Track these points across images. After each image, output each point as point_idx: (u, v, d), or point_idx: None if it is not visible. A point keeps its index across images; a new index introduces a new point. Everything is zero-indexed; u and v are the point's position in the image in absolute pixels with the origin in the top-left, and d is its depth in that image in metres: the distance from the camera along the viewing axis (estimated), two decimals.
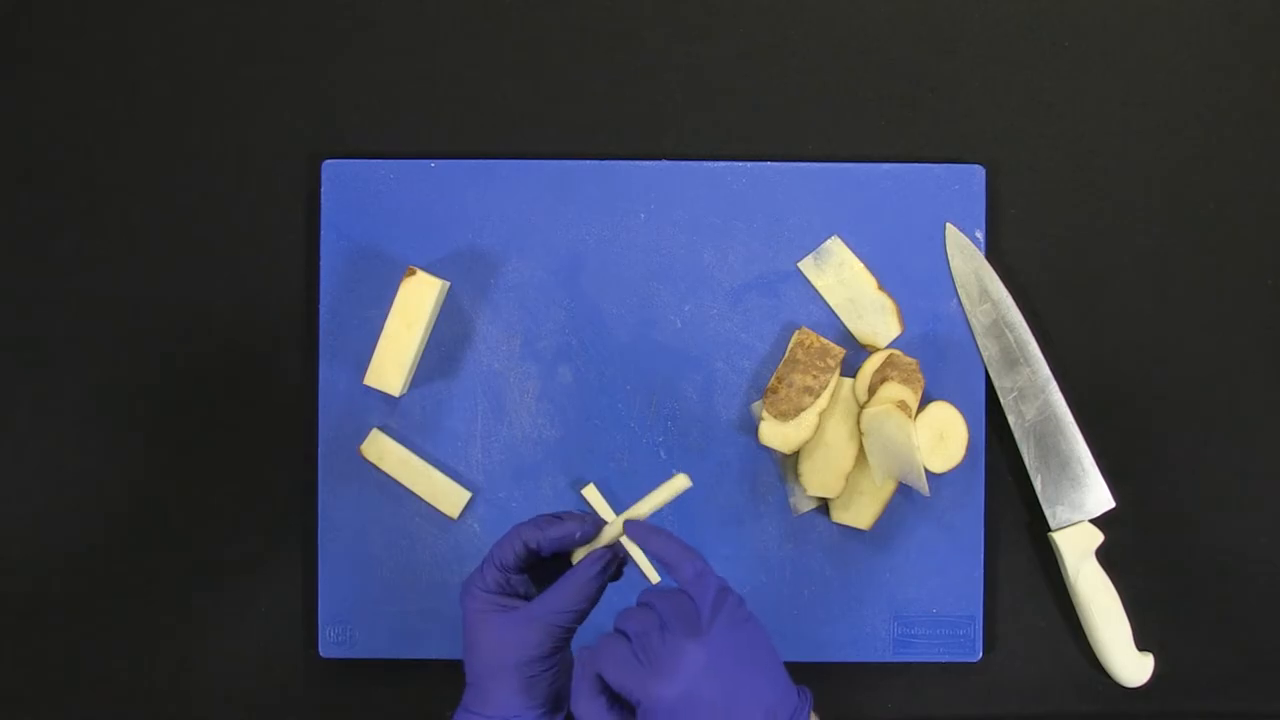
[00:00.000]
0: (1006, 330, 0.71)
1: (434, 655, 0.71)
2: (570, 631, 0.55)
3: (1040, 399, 0.71)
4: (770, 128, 0.73)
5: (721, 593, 0.52)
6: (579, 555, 0.57)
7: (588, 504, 0.70)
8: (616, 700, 0.51)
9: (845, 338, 0.71)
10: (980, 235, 0.71)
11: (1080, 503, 0.71)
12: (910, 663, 0.71)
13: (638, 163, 0.72)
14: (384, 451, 0.70)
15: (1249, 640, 0.73)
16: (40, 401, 0.72)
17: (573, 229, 0.71)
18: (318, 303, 0.71)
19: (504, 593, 0.56)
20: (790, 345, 0.70)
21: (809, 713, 0.52)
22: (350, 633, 0.71)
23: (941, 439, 0.70)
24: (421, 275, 0.68)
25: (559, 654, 0.55)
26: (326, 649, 0.71)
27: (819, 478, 0.69)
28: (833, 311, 0.71)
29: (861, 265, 0.71)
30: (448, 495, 0.70)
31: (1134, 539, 0.72)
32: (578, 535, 0.56)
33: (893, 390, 0.68)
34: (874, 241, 0.71)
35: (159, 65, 0.73)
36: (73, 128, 0.73)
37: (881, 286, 0.71)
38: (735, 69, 0.73)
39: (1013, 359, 0.71)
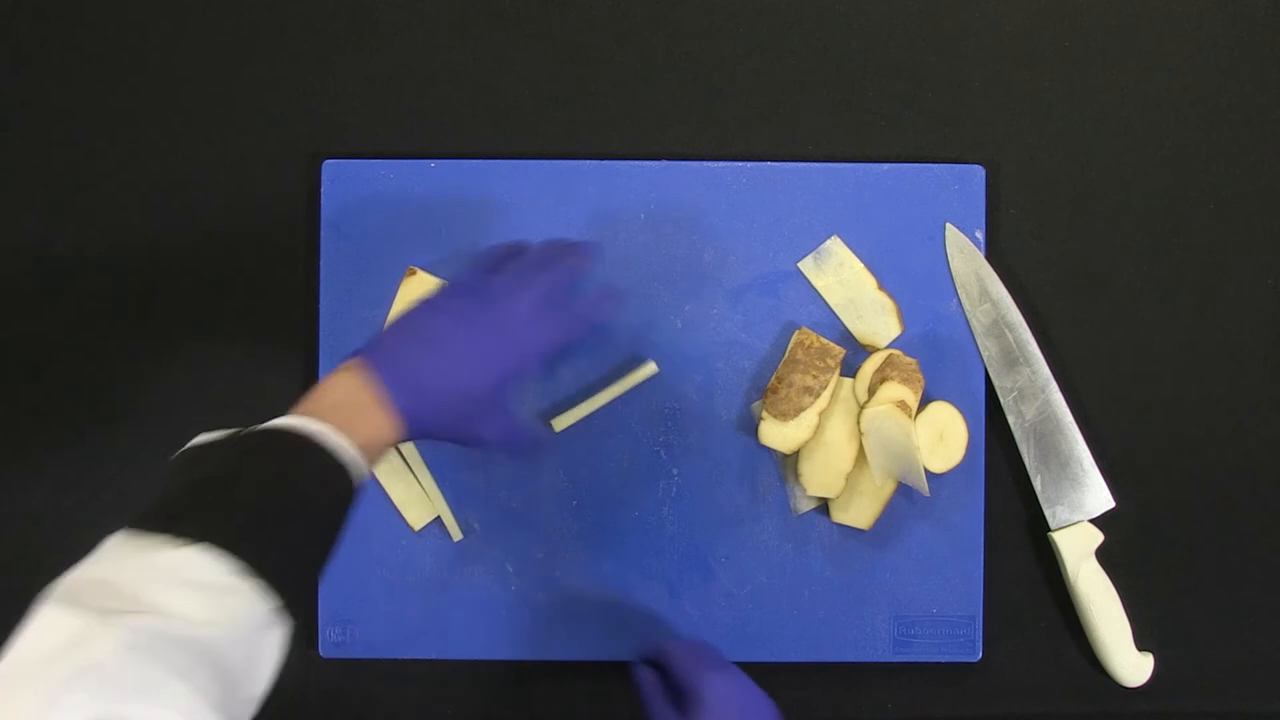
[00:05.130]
0: (1006, 330, 0.71)
1: (434, 655, 0.71)
2: None
3: (1040, 399, 0.71)
4: (770, 128, 0.73)
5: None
6: None
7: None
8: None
9: (845, 338, 0.71)
10: (980, 235, 0.71)
11: (1080, 503, 0.71)
12: (910, 663, 0.71)
13: (638, 163, 0.72)
14: None
15: (1249, 640, 0.73)
16: (40, 401, 0.72)
17: (573, 229, 0.71)
18: (318, 303, 0.71)
19: None
20: (790, 345, 0.70)
21: None
22: (350, 633, 0.71)
23: (941, 439, 0.70)
24: (421, 275, 0.68)
25: None
26: (326, 649, 0.71)
27: (819, 478, 0.69)
28: (833, 311, 0.71)
29: (861, 265, 0.71)
30: (414, 505, 0.71)
31: (1134, 539, 0.72)
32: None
33: (893, 390, 0.68)
34: (874, 241, 0.71)
35: (159, 65, 0.73)
36: (72, 128, 0.73)
37: (881, 286, 0.71)
38: (735, 69, 0.73)
39: (1013, 359, 0.71)
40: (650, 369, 0.70)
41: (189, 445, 0.52)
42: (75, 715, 0.37)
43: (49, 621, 0.40)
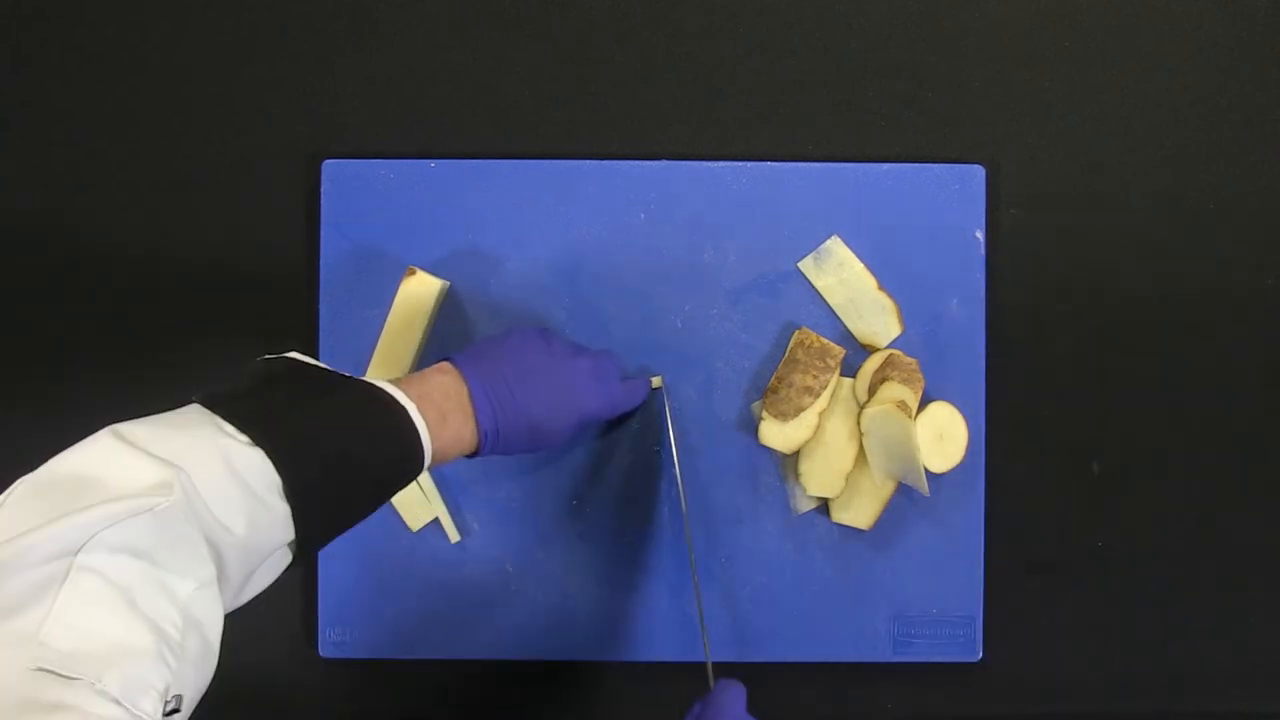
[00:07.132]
0: None
1: (434, 655, 0.71)
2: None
3: None
4: (770, 128, 0.73)
5: None
6: None
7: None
8: None
9: (845, 338, 0.71)
10: (980, 235, 0.71)
11: None
12: (910, 663, 0.71)
13: (638, 163, 0.72)
14: None
15: (1249, 640, 0.73)
16: (41, 399, 0.72)
17: (573, 229, 0.71)
18: (318, 303, 0.71)
19: None
20: (790, 345, 0.70)
21: None
22: (350, 633, 0.71)
23: (941, 439, 0.70)
24: (421, 275, 0.68)
25: None
26: (326, 649, 0.71)
27: (819, 478, 0.69)
28: (833, 311, 0.71)
29: (861, 265, 0.71)
30: (413, 506, 0.70)
31: (1132, 540, 0.72)
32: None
33: (893, 390, 0.68)
34: (874, 241, 0.71)
35: (159, 65, 0.73)
36: (73, 128, 0.73)
37: (881, 286, 0.71)
38: (735, 69, 0.73)
39: None
40: (654, 382, 0.70)
41: (289, 356, 0.53)
42: (116, 544, 0.40)
43: (130, 464, 0.43)
